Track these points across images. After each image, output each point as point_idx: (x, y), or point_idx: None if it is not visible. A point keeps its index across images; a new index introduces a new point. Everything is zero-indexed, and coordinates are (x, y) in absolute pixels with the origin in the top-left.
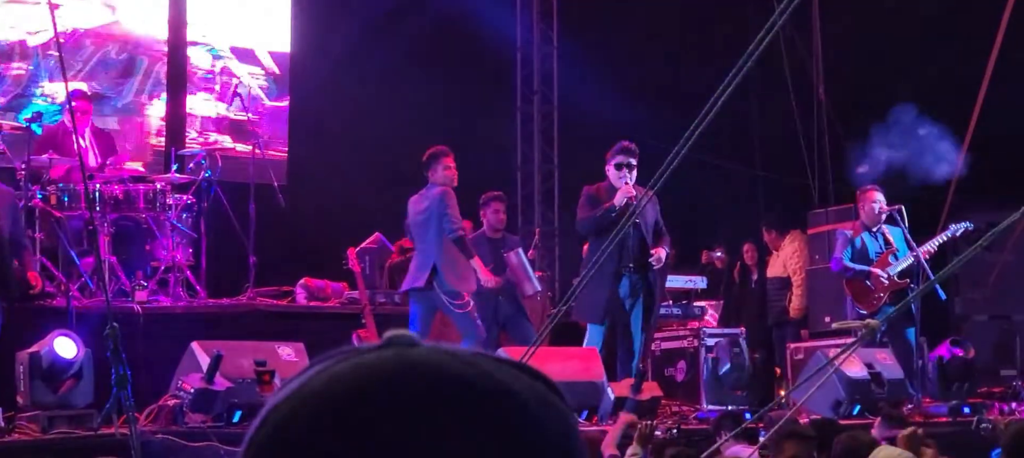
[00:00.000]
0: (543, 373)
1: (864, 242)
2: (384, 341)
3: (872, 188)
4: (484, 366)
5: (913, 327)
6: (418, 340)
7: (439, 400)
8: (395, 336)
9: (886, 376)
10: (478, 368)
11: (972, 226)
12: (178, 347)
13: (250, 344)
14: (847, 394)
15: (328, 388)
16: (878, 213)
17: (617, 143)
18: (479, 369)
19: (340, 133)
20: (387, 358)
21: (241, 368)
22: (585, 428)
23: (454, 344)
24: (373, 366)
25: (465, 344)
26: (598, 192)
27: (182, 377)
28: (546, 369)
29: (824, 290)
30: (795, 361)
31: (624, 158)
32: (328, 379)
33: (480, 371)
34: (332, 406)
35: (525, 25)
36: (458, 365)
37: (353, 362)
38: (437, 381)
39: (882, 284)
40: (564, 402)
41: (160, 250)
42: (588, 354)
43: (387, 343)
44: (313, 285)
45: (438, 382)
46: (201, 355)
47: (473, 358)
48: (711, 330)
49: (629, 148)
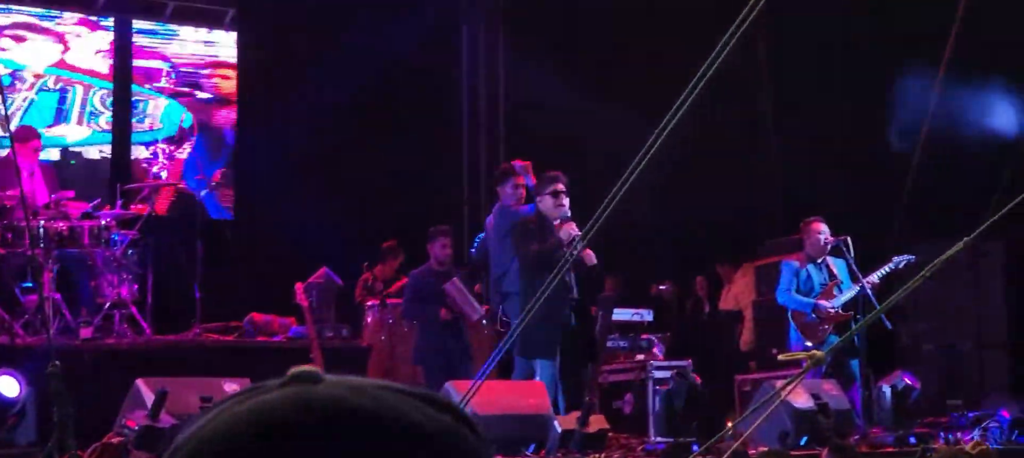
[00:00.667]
0: (453, 405)
1: (809, 273)
2: (286, 378)
3: (816, 220)
4: (387, 400)
5: (858, 358)
6: (321, 376)
7: (337, 439)
8: (298, 373)
9: (833, 406)
10: (381, 403)
11: (915, 258)
12: (123, 384)
13: (196, 380)
14: (794, 425)
15: (227, 430)
16: (823, 244)
17: (546, 173)
18: (382, 404)
19: (287, 168)
20: (287, 397)
21: (187, 405)
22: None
23: (361, 377)
24: (272, 406)
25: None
26: (531, 222)
27: (127, 414)
28: (493, 403)
29: (770, 322)
30: (743, 393)
31: (561, 186)
32: (227, 420)
33: (382, 406)
34: (229, 448)
35: (471, 57)
36: (359, 401)
37: (253, 402)
38: (336, 419)
39: (827, 316)
40: (475, 434)
41: (105, 286)
42: (534, 388)
43: (289, 380)
44: (260, 320)
45: (337, 420)
46: (146, 392)
47: (377, 392)
48: (658, 363)
49: (561, 176)
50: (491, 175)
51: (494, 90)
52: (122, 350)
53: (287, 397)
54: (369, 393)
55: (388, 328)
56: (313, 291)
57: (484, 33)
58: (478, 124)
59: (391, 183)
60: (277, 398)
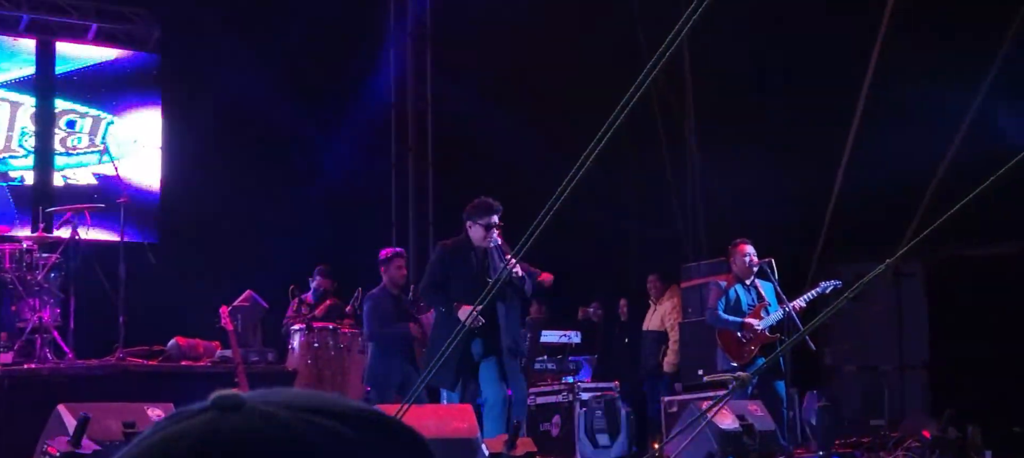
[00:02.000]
0: (387, 421)
1: (738, 294)
2: (207, 404)
3: (743, 241)
4: (297, 430)
5: (782, 380)
6: (241, 400)
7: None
8: (218, 397)
9: (758, 428)
10: (291, 431)
11: (841, 284)
12: (44, 410)
13: (118, 406)
14: (720, 446)
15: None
16: (749, 265)
17: (480, 200)
18: (290, 432)
19: (212, 190)
20: (197, 427)
21: (109, 430)
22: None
23: (290, 394)
24: (181, 436)
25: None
26: (457, 248)
27: (47, 441)
28: (421, 428)
29: (697, 343)
30: (669, 414)
31: (495, 219)
32: (143, 451)
33: (289, 436)
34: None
35: (400, 78)
36: (267, 431)
37: (168, 432)
38: (239, 449)
39: (755, 337)
40: (407, 449)
41: (26, 311)
42: (462, 411)
43: (209, 406)
44: (185, 344)
45: (240, 451)
46: (67, 418)
47: (293, 418)
48: (586, 385)
49: (496, 207)
50: (419, 196)
51: (421, 110)
52: (43, 375)
53: (197, 428)
54: (281, 421)
55: (314, 352)
56: (238, 314)
57: (411, 53)
58: (406, 145)
59: (318, 204)
60: (189, 428)
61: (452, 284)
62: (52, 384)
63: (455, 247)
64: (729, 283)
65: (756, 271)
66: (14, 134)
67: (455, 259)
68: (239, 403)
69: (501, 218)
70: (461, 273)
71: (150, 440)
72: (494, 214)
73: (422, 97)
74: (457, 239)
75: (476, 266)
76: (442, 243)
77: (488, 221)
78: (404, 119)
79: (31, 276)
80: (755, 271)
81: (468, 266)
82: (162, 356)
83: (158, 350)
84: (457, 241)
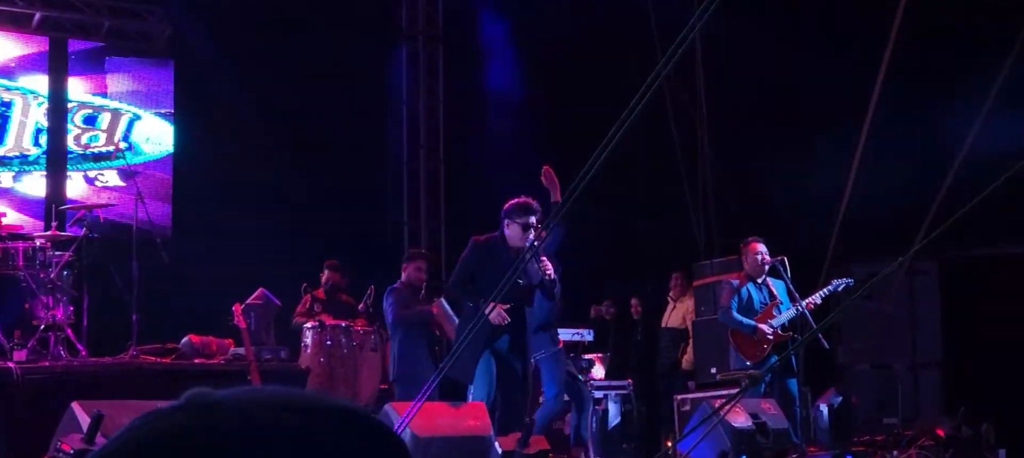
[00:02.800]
0: (352, 419)
1: (750, 293)
2: (181, 402)
3: (755, 240)
4: (269, 429)
5: (795, 378)
6: (216, 400)
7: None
8: (192, 396)
9: (771, 426)
10: (263, 432)
11: (853, 281)
12: (58, 408)
13: (133, 403)
14: (733, 444)
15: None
16: (761, 263)
17: (520, 199)
18: (263, 432)
19: (224, 188)
20: (168, 427)
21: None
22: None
23: (260, 394)
24: (153, 438)
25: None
26: (490, 245)
27: (61, 438)
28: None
29: (710, 341)
30: (682, 412)
31: (533, 220)
32: (117, 449)
33: (263, 435)
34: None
35: (411, 77)
36: (241, 430)
37: (138, 433)
38: (213, 451)
39: (767, 336)
40: (383, 450)
41: (40, 309)
42: (476, 409)
43: (183, 405)
44: (198, 342)
45: (214, 452)
46: (81, 415)
47: (264, 417)
48: (599, 383)
49: (536, 208)
50: (431, 194)
51: (434, 110)
52: (57, 372)
53: (171, 428)
54: (255, 422)
55: (327, 350)
56: (251, 312)
57: (423, 53)
58: (417, 145)
59: (328, 202)
60: (162, 428)
61: (481, 281)
62: (66, 381)
63: (488, 243)
64: (741, 282)
65: (768, 269)
66: (27, 132)
67: (487, 256)
68: (213, 402)
69: (539, 219)
70: (492, 270)
71: (123, 439)
72: (532, 215)
73: (434, 94)
74: (491, 236)
75: (507, 265)
76: (475, 239)
77: (526, 221)
78: (416, 116)
79: (44, 274)
80: (767, 269)
81: (499, 264)
82: (175, 354)
83: (171, 348)
84: (490, 238)
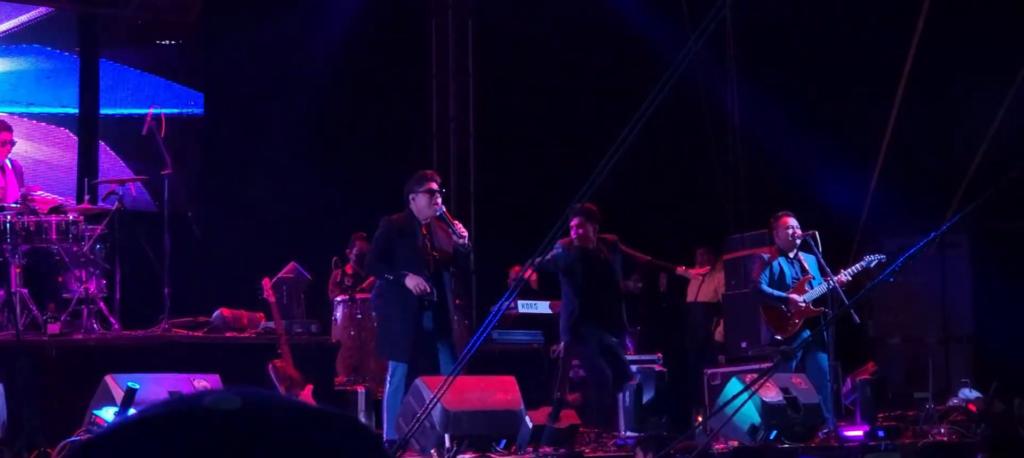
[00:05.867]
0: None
1: (781, 267)
2: (207, 403)
3: (785, 214)
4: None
5: (825, 353)
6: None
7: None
8: (215, 401)
9: (802, 401)
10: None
11: (885, 258)
12: (92, 380)
13: (165, 376)
14: (764, 419)
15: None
16: (792, 238)
17: (419, 172)
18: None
19: (255, 162)
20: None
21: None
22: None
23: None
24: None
25: None
26: (402, 222)
27: (95, 410)
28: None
29: (740, 316)
30: (712, 387)
31: (434, 185)
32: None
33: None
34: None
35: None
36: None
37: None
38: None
39: (799, 310)
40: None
41: (73, 282)
42: (506, 383)
43: (208, 408)
44: (229, 315)
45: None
46: (115, 388)
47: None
48: (628, 357)
49: (434, 175)
50: (461, 168)
51: (463, 84)
52: (90, 346)
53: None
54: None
55: (357, 323)
56: (282, 286)
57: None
58: (448, 121)
59: (359, 178)
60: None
61: (397, 257)
62: (99, 355)
63: (400, 221)
64: (772, 256)
65: (799, 244)
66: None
67: (399, 231)
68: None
69: (440, 186)
70: (406, 246)
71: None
72: (432, 180)
73: (464, 68)
74: (402, 214)
75: (421, 239)
76: (387, 217)
77: (428, 188)
78: (446, 90)
79: (77, 247)
80: (798, 244)
81: (413, 239)
82: (207, 327)
83: (203, 321)
84: (402, 215)
